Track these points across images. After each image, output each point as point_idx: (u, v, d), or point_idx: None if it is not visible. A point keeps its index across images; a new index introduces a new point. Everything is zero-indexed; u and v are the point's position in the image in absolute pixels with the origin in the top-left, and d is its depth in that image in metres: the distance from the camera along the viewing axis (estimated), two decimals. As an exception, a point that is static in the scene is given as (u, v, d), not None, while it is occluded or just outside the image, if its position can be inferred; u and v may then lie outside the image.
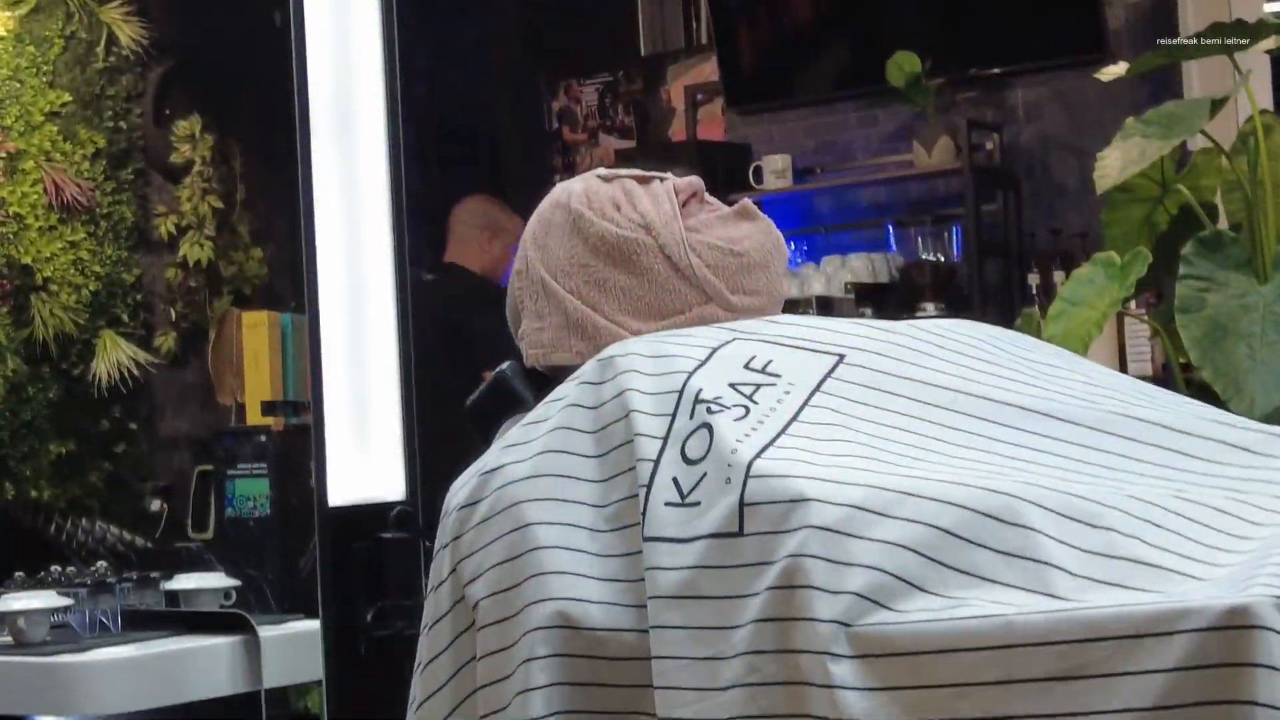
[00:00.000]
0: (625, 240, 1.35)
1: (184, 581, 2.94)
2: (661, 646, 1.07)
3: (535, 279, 1.39)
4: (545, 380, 1.38)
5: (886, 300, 5.37)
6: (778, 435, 1.11)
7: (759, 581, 1.03)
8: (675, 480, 1.10)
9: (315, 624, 2.43)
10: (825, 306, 5.18)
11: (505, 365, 1.41)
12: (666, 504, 1.10)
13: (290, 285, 5.44)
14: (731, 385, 1.16)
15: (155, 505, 5.18)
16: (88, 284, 5.44)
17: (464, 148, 6.99)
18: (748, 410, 1.14)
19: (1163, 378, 3.96)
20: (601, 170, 1.43)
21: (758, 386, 1.16)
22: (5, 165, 5.25)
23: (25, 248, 5.24)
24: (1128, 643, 0.90)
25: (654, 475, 1.11)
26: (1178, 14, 5.03)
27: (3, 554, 4.35)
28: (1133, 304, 3.46)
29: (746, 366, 1.19)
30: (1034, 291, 5.06)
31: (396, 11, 2.50)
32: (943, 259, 5.43)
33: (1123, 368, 4.32)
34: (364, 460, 2.36)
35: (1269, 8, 4.98)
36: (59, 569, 2.96)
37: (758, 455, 1.08)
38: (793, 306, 4.78)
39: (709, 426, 1.12)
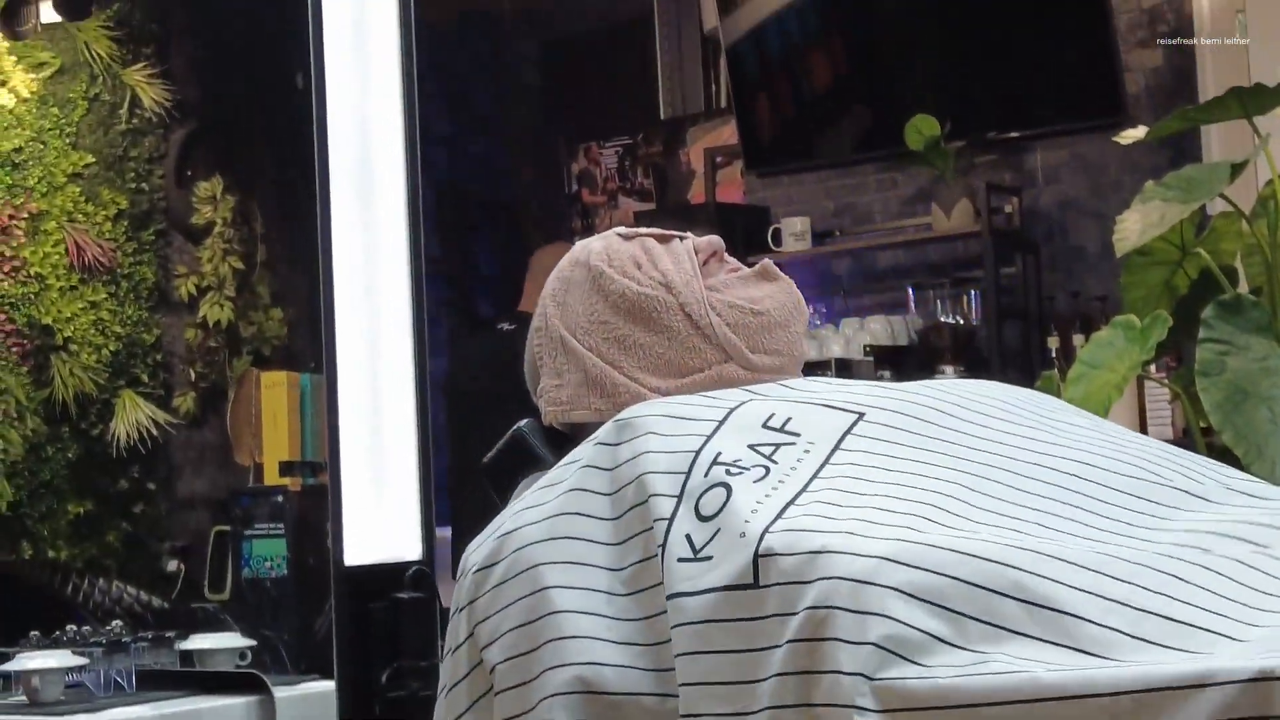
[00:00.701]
0: (646, 298, 1.35)
1: (199, 641, 2.93)
2: (684, 704, 1.06)
3: (554, 336, 1.39)
4: (563, 438, 1.37)
5: (905, 363, 5.36)
6: (797, 495, 1.10)
7: (779, 633, 1.02)
8: (688, 537, 1.10)
9: (330, 685, 2.41)
10: (844, 369, 5.17)
11: (523, 423, 1.41)
12: (680, 560, 1.09)
13: (309, 346, 5.45)
14: (750, 446, 1.16)
15: (172, 565, 5.18)
16: (108, 344, 5.45)
17: (483, 210, 7.02)
18: (768, 470, 1.13)
19: (1183, 441, 3.95)
20: (621, 229, 1.43)
21: (777, 446, 1.16)
22: (28, 226, 5.28)
23: (46, 308, 5.26)
24: (1156, 695, 0.88)
25: (668, 533, 1.11)
26: (1197, 78, 5.05)
27: (18, 613, 4.34)
28: (1153, 368, 3.45)
29: (765, 425, 1.18)
30: (1053, 355, 5.06)
31: (417, 75, 2.52)
32: (961, 322, 5.43)
33: (1143, 431, 4.30)
34: (381, 520, 2.36)
35: (1288, 72, 4.99)
36: (74, 628, 2.95)
37: (776, 517, 1.07)
38: (811, 368, 4.77)
39: (727, 486, 1.11)
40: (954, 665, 0.95)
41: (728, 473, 1.13)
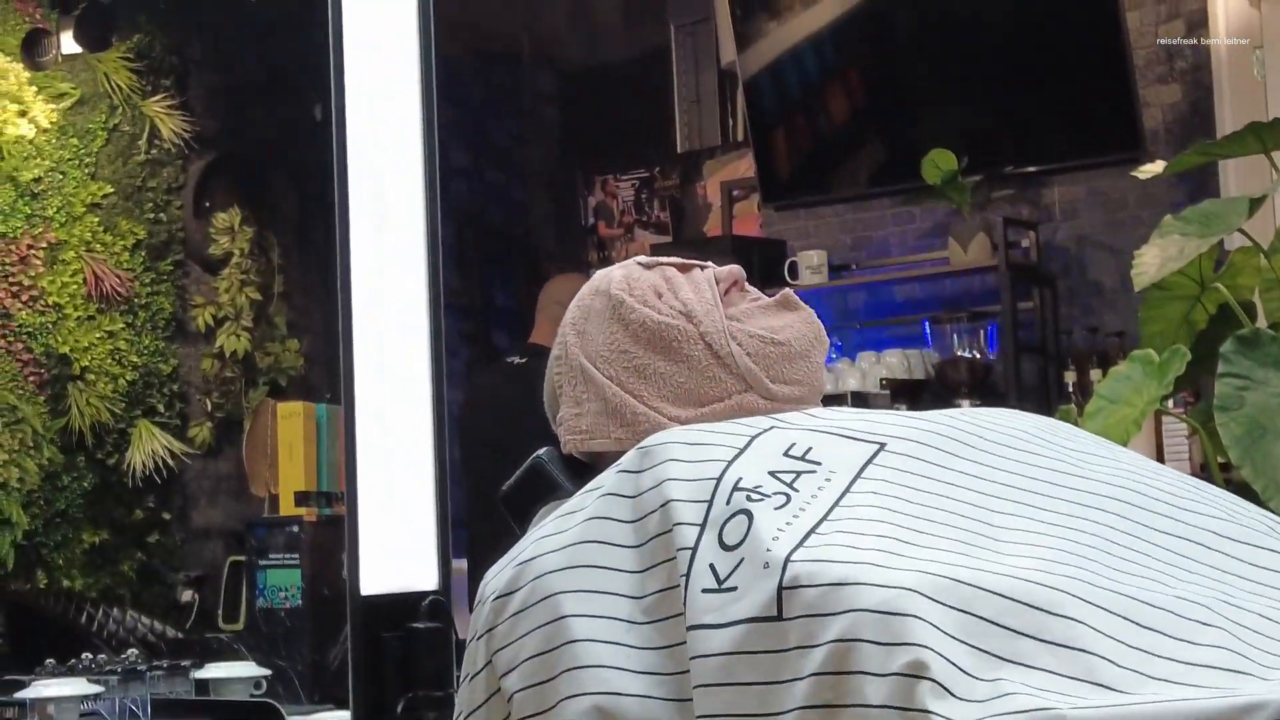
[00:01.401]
0: (666, 327, 1.34)
1: (214, 670, 2.93)
2: None
3: (574, 365, 1.39)
4: (583, 467, 1.37)
5: (921, 396, 5.36)
6: (818, 523, 1.09)
7: (801, 665, 1.01)
8: (712, 566, 1.09)
9: (345, 715, 2.41)
10: (860, 402, 5.17)
11: (542, 451, 1.40)
12: (704, 590, 1.09)
13: (325, 376, 5.46)
14: (771, 473, 1.15)
15: (186, 596, 5.18)
16: (125, 374, 5.46)
17: (500, 242, 7.04)
18: (788, 498, 1.13)
19: (1201, 477, 3.93)
20: (642, 258, 1.43)
21: (798, 474, 1.15)
22: (46, 255, 5.29)
23: (63, 337, 5.28)
24: None
25: (692, 563, 1.10)
26: (1215, 113, 5.05)
27: (34, 641, 4.34)
28: (1170, 402, 3.44)
29: (786, 454, 1.18)
30: (1070, 389, 5.04)
31: (437, 108, 2.52)
32: (978, 356, 5.42)
33: (1160, 467, 4.28)
34: (397, 550, 2.36)
35: (1306, 108, 4.99)
36: (89, 656, 2.95)
37: (799, 545, 1.07)
38: (827, 401, 4.76)
39: (748, 513, 1.11)
40: (977, 699, 0.94)
41: (748, 499, 1.12)
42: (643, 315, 1.35)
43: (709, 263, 1.42)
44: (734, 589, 1.07)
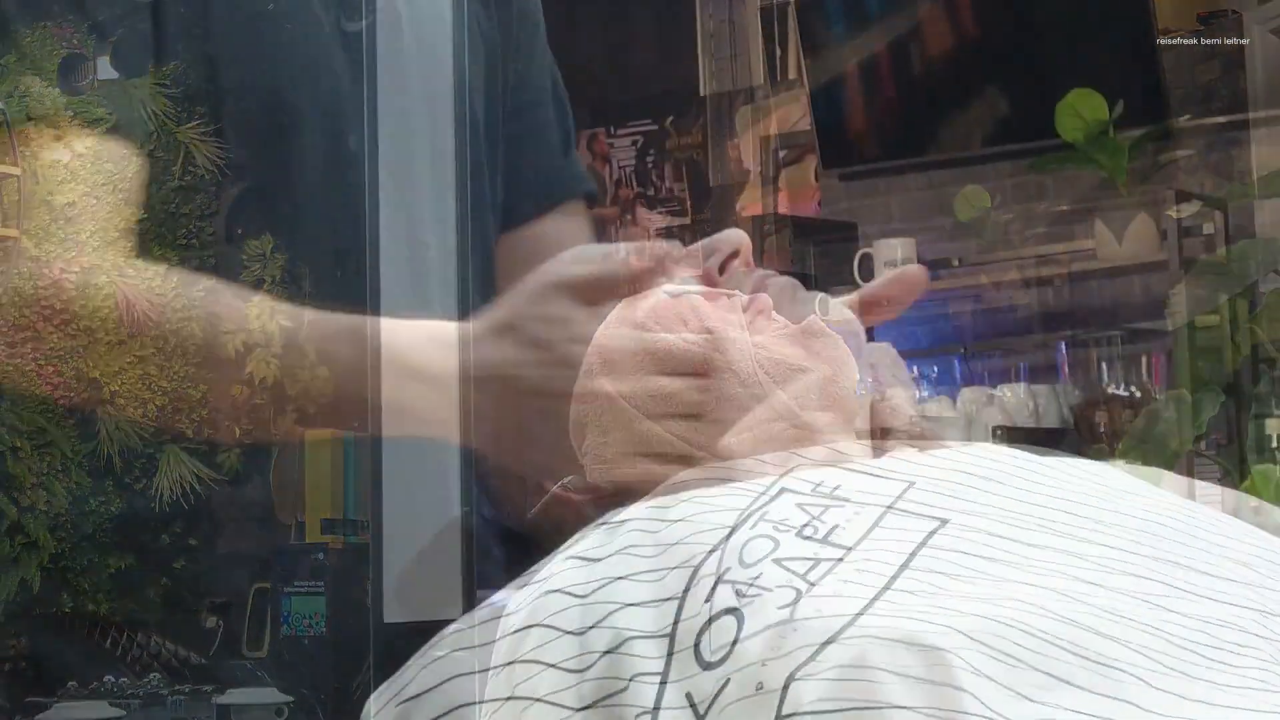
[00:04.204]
0: (692, 355, 1.35)
1: (236, 697, 2.93)
2: None
3: (600, 393, 1.39)
4: (608, 496, 1.37)
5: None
6: (843, 556, 1.09)
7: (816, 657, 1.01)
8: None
9: (367, 744, 2.41)
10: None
11: (566, 480, 1.41)
12: (726, 611, 1.09)
13: (354, 404, 5.48)
14: (799, 506, 1.16)
15: (210, 622, 5.19)
16: (154, 399, 5.49)
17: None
18: (815, 531, 1.13)
19: (1233, 520, 3.89)
20: (669, 286, 1.44)
21: (825, 508, 1.15)
22: (79, 280, 5.34)
23: (94, 362, 5.32)
24: None
25: (714, 591, 1.10)
26: (1251, 156, 5.04)
27: (56, 664, 4.35)
28: (1202, 444, 3.42)
29: (814, 491, 1.18)
30: (1101, 430, 5.02)
31: (470, 142, 2.53)
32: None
33: None
34: (421, 578, 2.36)
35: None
36: (111, 679, 2.96)
37: (822, 575, 1.07)
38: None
39: (773, 539, 1.11)
40: (1009, 717, 0.93)
41: (775, 529, 1.12)
42: (669, 343, 1.36)
43: (736, 291, 1.42)
44: (752, 599, 1.05)
